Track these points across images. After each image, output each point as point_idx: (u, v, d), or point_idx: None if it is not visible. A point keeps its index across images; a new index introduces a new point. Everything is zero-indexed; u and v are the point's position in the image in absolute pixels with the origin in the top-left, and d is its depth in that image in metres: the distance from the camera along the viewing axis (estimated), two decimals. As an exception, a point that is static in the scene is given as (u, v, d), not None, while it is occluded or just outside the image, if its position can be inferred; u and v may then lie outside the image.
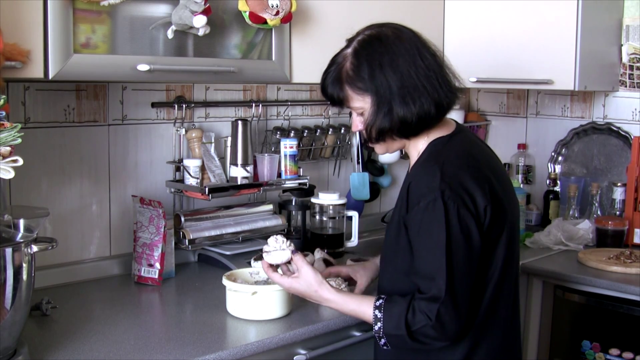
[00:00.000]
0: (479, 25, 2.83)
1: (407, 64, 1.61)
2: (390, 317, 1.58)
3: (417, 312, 1.54)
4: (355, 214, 2.62)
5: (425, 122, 1.64)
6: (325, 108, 2.83)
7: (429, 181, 1.57)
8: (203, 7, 1.89)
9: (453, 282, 1.52)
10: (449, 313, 1.52)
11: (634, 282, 2.34)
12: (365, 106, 1.64)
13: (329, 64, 1.69)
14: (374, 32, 1.65)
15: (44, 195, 2.14)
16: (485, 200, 1.57)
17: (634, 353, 2.36)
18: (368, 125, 1.65)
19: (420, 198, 1.56)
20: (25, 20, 1.66)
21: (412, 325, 1.54)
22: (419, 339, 1.56)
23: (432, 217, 1.54)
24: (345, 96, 1.66)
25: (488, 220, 1.57)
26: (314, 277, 1.73)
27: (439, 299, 1.52)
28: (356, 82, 1.62)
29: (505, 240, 1.62)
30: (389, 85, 1.60)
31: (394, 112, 1.61)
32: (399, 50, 1.61)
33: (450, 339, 1.57)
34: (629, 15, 2.96)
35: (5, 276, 1.50)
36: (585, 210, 2.99)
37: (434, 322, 1.52)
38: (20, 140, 1.46)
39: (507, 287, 1.66)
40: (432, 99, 1.61)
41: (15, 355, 1.57)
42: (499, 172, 1.70)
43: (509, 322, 1.70)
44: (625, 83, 3.00)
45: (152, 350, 1.68)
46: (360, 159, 2.86)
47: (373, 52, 1.62)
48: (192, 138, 2.38)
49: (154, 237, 2.18)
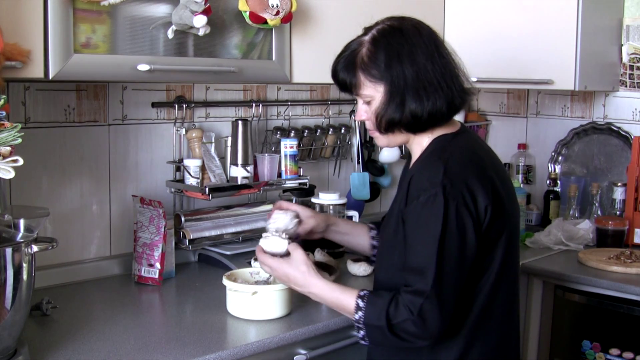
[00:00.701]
0: (479, 25, 2.83)
1: (425, 59, 1.61)
2: (372, 308, 1.56)
3: (400, 305, 1.51)
4: (356, 213, 2.62)
5: (435, 119, 1.63)
6: (326, 108, 2.83)
7: (432, 176, 1.55)
8: (203, 7, 1.89)
9: (441, 279, 1.50)
10: (432, 310, 1.49)
11: (634, 282, 2.34)
12: (375, 95, 1.63)
13: (342, 50, 1.68)
14: (395, 23, 1.65)
15: (44, 195, 2.14)
16: (487, 200, 1.56)
17: (634, 353, 2.36)
18: (378, 115, 1.63)
19: (421, 192, 1.55)
20: (25, 20, 1.66)
21: (393, 319, 1.52)
22: (399, 334, 1.53)
23: (431, 211, 1.52)
24: (357, 82, 1.64)
25: (488, 220, 1.56)
26: (305, 261, 1.72)
27: (424, 293, 1.49)
28: (371, 69, 1.62)
29: (504, 242, 1.61)
30: (405, 76, 1.59)
31: (406, 104, 1.60)
32: (418, 44, 1.61)
33: (431, 338, 1.53)
34: (629, 15, 2.96)
35: (5, 276, 1.50)
36: (585, 210, 2.99)
37: (415, 317, 1.49)
38: (20, 140, 1.46)
39: (504, 288, 1.64)
40: (446, 97, 1.61)
41: (16, 355, 1.57)
42: (502, 173, 1.69)
43: (507, 322, 1.69)
44: (626, 83, 3.00)
45: (152, 350, 1.68)
46: (361, 159, 2.86)
47: (392, 41, 1.61)
48: (192, 138, 2.39)
49: (154, 237, 2.18)
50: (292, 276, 1.73)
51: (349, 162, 2.93)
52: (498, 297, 1.63)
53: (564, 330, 2.56)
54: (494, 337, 1.65)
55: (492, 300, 1.62)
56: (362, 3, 2.33)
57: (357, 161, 2.86)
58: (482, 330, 1.63)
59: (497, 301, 1.64)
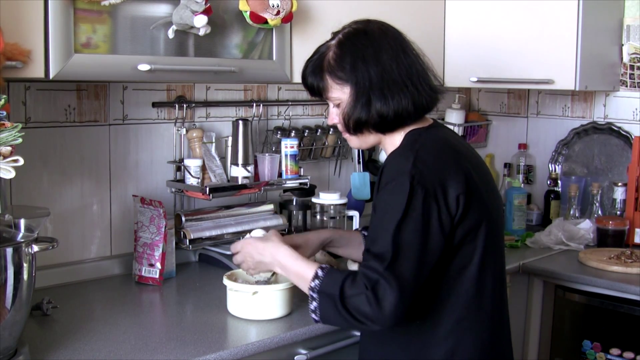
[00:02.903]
0: (479, 25, 2.83)
1: (390, 59, 1.62)
2: (330, 277, 1.56)
3: (357, 279, 1.50)
4: (356, 213, 2.62)
5: (402, 118, 1.64)
6: (326, 108, 2.83)
7: (401, 165, 1.56)
8: (204, 7, 1.89)
9: (399, 263, 1.48)
10: (387, 290, 1.46)
11: (634, 282, 2.34)
12: (343, 97, 1.65)
13: (312, 54, 1.71)
14: (360, 26, 1.68)
15: (45, 195, 2.14)
16: (459, 189, 1.55)
17: (635, 353, 2.36)
18: (346, 116, 1.65)
19: (389, 180, 1.56)
20: (26, 20, 1.66)
21: (347, 290, 1.50)
22: (350, 311, 1.50)
23: (396, 198, 1.52)
24: (324, 85, 1.67)
25: (462, 209, 1.55)
26: (277, 234, 1.75)
27: (380, 272, 1.48)
28: (337, 72, 1.64)
29: (484, 233, 1.60)
30: (370, 77, 1.61)
31: (372, 104, 1.62)
32: (383, 45, 1.63)
33: (384, 323, 1.49)
34: (630, 15, 2.96)
35: (5, 276, 1.50)
36: (585, 210, 2.99)
37: (369, 292, 1.47)
38: (21, 140, 1.46)
39: (490, 283, 1.63)
40: (412, 96, 1.62)
41: (16, 355, 1.57)
42: (478, 164, 1.68)
43: (497, 318, 1.67)
44: (626, 83, 3.00)
45: (153, 350, 1.68)
46: (361, 159, 2.86)
47: (357, 43, 1.64)
48: (192, 138, 2.39)
49: (155, 237, 2.18)
50: (260, 247, 1.75)
51: (350, 162, 2.93)
52: (485, 292, 1.62)
53: (564, 330, 2.57)
54: (485, 332, 1.64)
55: (479, 295, 1.61)
56: (362, 3, 2.33)
57: (358, 161, 2.86)
58: (472, 326, 1.62)
59: (485, 296, 1.62)
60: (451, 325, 1.60)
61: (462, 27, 2.83)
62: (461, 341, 1.61)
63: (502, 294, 1.71)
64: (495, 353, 1.67)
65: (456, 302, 1.60)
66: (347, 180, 2.90)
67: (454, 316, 1.60)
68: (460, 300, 1.60)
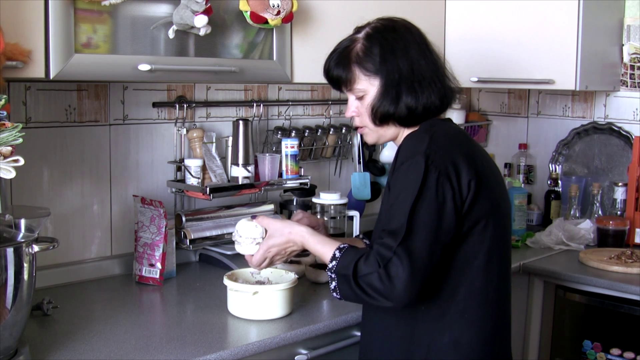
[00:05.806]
0: (480, 25, 2.83)
1: (418, 54, 1.66)
2: (345, 258, 1.57)
3: (370, 256, 1.52)
4: (357, 213, 2.62)
5: (429, 113, 1.67)
6: (327, 108, 2.83)
7: (417, 145, 1.59)
8: (204, 7, 1.89)
9: (412, 240, 1.50)
10: (399, 267, 1.48)
11: (635, 282, 2.34)
12: (369, 88, 1.66)
13: (334, 48, 1.72)
14: (387, 22, 1.70)
15: (45, 195, 2.14)
16: (471, 174, 1.56)
17: (635, 353, 2.36)
18: (374, 107, 1.66)
19: (404, 160, 1.58)
20: (26, 20, 1.66)
21: (360, 270, 1.52)
22: (364, 288, 1.52)
23: (410, 177, 1.54)
24: (351, 77, 1.67)
25: (472, 195, 1.56)
26: (282, 222, 1.75)
27: (393, 248, 1.49)
28: (366, 63, 1.65)
29: (492, 225, 1.61)
30: (400, 70, 1.63)
31: (401, 98, 1.64)
32: (411, 40, 1.67)
33: (396, 300, 1.50)
34: (630, 15, 2.96)
35: (6, 276, 1.50)
36: (586, 210, 2.99)
37: (382, 270, 1.49)
38: (21, 140, 1.46)
39: (497, 274, 1.64)
40: (439, 92, 1.66)
41: (17, 355, 1.57)
42: (488, 160, 1.70)
43: (500, 313, 1.68)
44: (627, 83, 3.00)
45: (153, 350, 1.68)
46: (362, 159, 2.86)
47: (387, 37, 1.66)
48: (193, 138, 2.39)
49: (155, 237, 2.18)
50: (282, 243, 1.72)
51: (350, 162, 2.93)
52: (491, 285, 1.63)
53: (564, 330, 2.57)
54: (490, 322, 1.64)
55: (486, 286, 1.62)
56: (362, 3, 2.33)
57: (358, 161, 2.86)
58: (475, 318, 1.62)
59: (491, 289, 1.63)
60: (456, 316, 1.61)
61: (462, 27, 2.83)
62: (465, 332, 1.62)
63: (507, 290, 1.72)
64: (496, 347, 1.68)
65: (462, 294, 1.61)
66: (348, 180, 2.90)
67: (459, 307, 1.61)
68: (466, 292, 1.61)
